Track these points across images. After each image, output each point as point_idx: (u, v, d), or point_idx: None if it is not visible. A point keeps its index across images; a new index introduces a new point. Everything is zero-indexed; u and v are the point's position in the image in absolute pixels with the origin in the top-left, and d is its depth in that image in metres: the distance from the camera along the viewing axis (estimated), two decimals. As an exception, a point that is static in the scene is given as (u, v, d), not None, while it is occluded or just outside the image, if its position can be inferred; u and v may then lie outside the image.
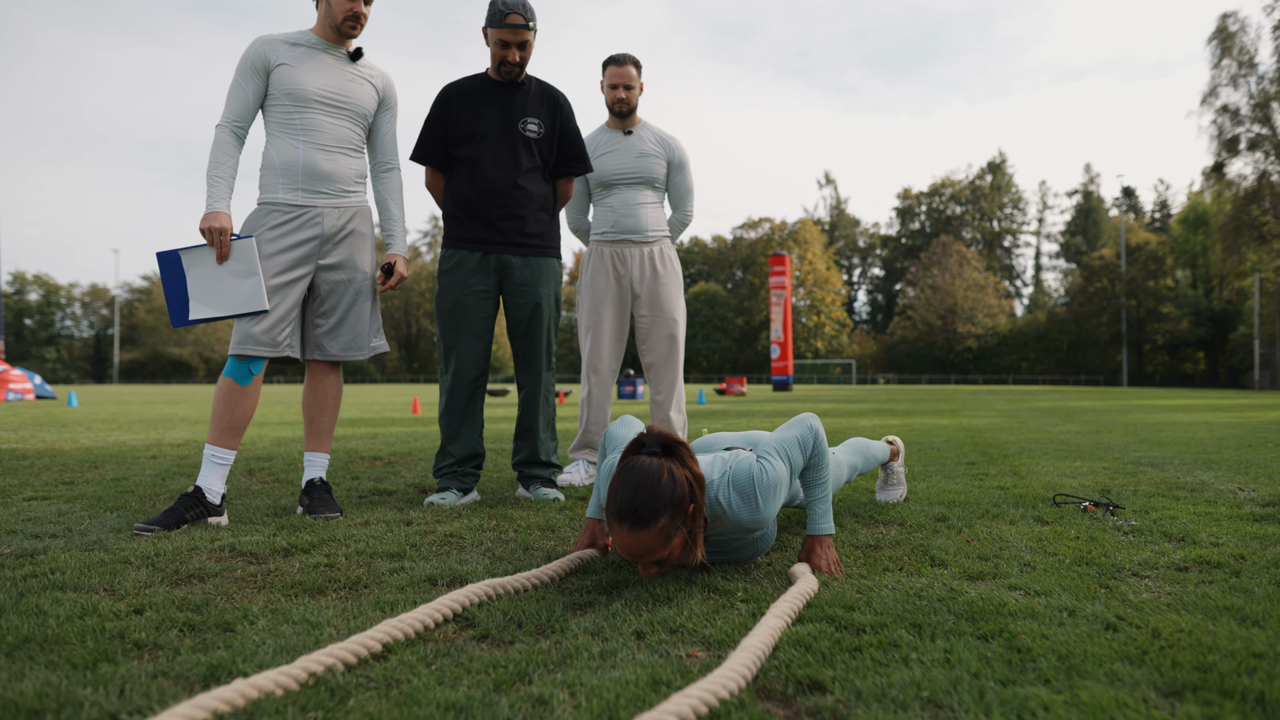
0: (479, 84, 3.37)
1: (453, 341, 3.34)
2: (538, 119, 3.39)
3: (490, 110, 3.33)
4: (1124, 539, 2.54)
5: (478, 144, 3.32)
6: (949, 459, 4.93)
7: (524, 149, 3.35)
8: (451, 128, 3.35)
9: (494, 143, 3.32)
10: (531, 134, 3.37)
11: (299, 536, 2.55)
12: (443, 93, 3.38)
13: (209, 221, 2.81)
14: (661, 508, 1.80)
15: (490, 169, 3.32)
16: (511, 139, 3.34)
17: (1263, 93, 42.07)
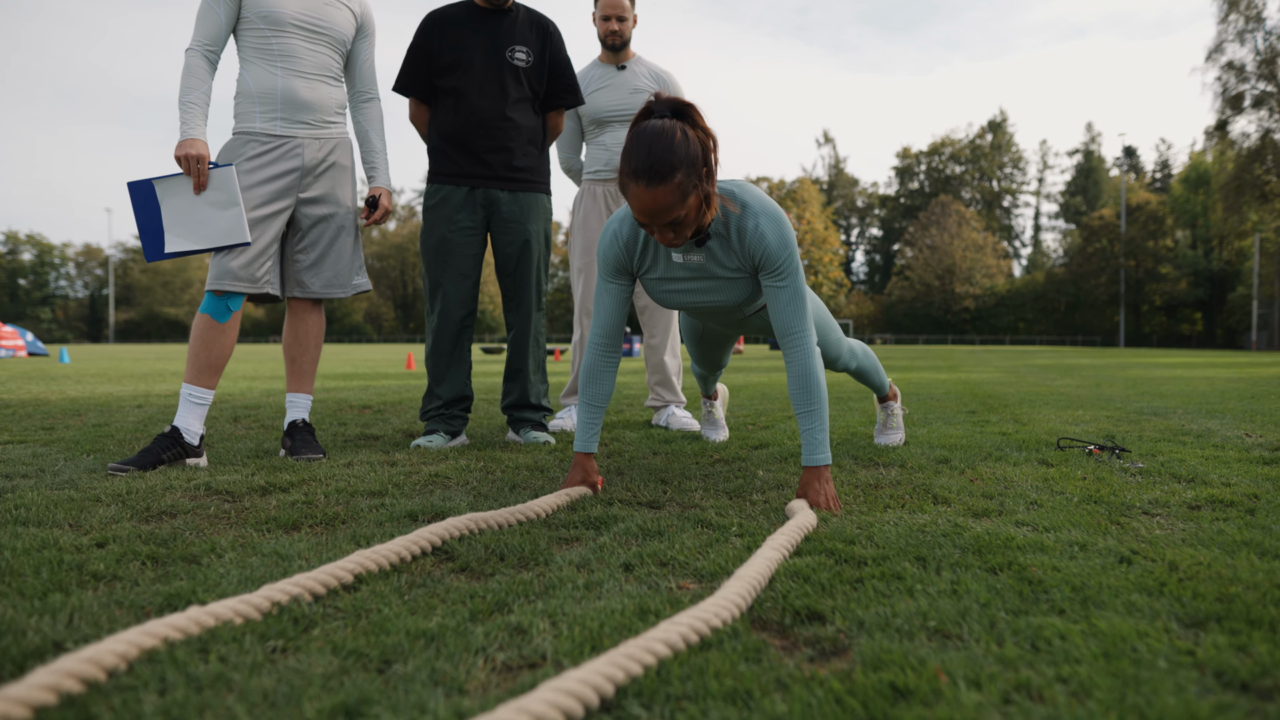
0: (464, 10, 3.21)
1: (438, 280, 3.22)
2: (526, 47, 3.23)
3: (476, 38, 3.18)
4: (1132, 480, 2.45)
5: (463, 73, 3.17)
6: (949, 408, 4.85)
7: (512, 78, 3.20)
8: (435, 56, 3.19)
9: (480, 72, 3.17)
10: (520, 62, 3.22)
11: (278, 476, 2.46)
12: (426, 19, 3.23)
13: (185, 149, 2.68)
14: (677, 162, 1.82)
15: (476, 99, 3.17)
16: (498, 68, 3.19)
17: (1269, 48, 41.48)
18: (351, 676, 1.01)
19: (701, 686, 0.99)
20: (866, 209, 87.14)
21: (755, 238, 2.05)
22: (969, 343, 66.26)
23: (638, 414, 4.52)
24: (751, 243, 2.06)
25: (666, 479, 2.45)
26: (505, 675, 1.04)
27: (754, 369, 11.77)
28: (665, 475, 2.51)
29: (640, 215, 1.88)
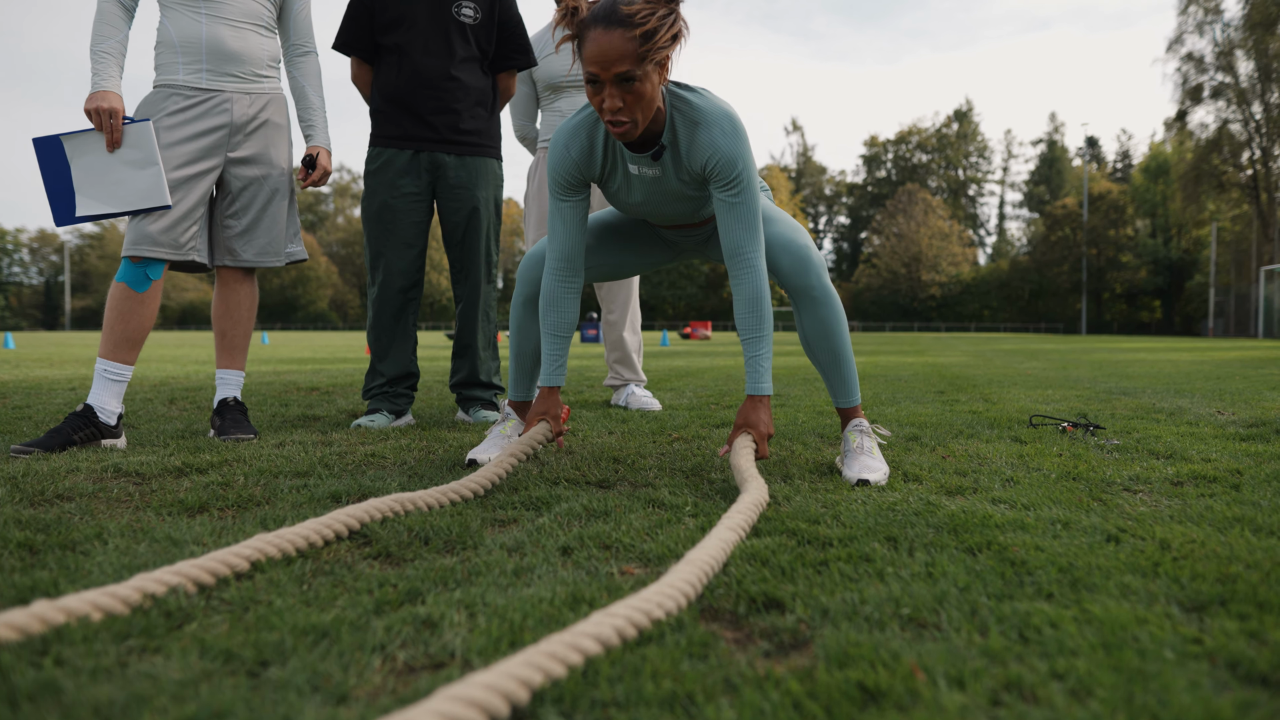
0: None
1: (380, 249, 3.02)
2: (474, 3, 3.03)
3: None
4: (1110, 456, 2.33)
5: (406, 29, 2.96)
6: (917, 388, 4.74)
7: (458, 36, 3.00)
8: (377, 12, 2.98)
9: (424, 29, 2.97)
10: (466, 19, 3.01)
11: (198, 457, 2.26)
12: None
13: (96, 101, 2.45)
14: (641, 18, 1.72)
15: (421, 58, 2.97)
16: (444, 24, 2.98)
17: (1228, 40, 42.08)
18: (214, 682, 0.84)
19: (635, 689, 0.83)
20: (834, 197, 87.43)
21: (707, 148, 1.90)
22: (935, 330, 66.86)
23: (596, 394, 4.35)
24: (703, 152, 1.91)
25: (620, 457, 2.29)
26: (402, 678, 0.87)
27: (721, 353, 11.64)
28: (619, 454, 2.35)
29: (592, 65, 1.75)
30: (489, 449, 2.20)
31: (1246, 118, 41.65)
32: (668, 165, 1.97)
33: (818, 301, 2.09)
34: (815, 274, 2.09)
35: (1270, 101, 40.64)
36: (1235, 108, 42.00)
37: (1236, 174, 42.57)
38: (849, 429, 2.11)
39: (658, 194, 2.03)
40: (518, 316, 2.29)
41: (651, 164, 1.97)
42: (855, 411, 2.16)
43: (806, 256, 2.09)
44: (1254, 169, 41.70)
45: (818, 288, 2.09)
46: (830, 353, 2.13)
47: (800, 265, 2.08)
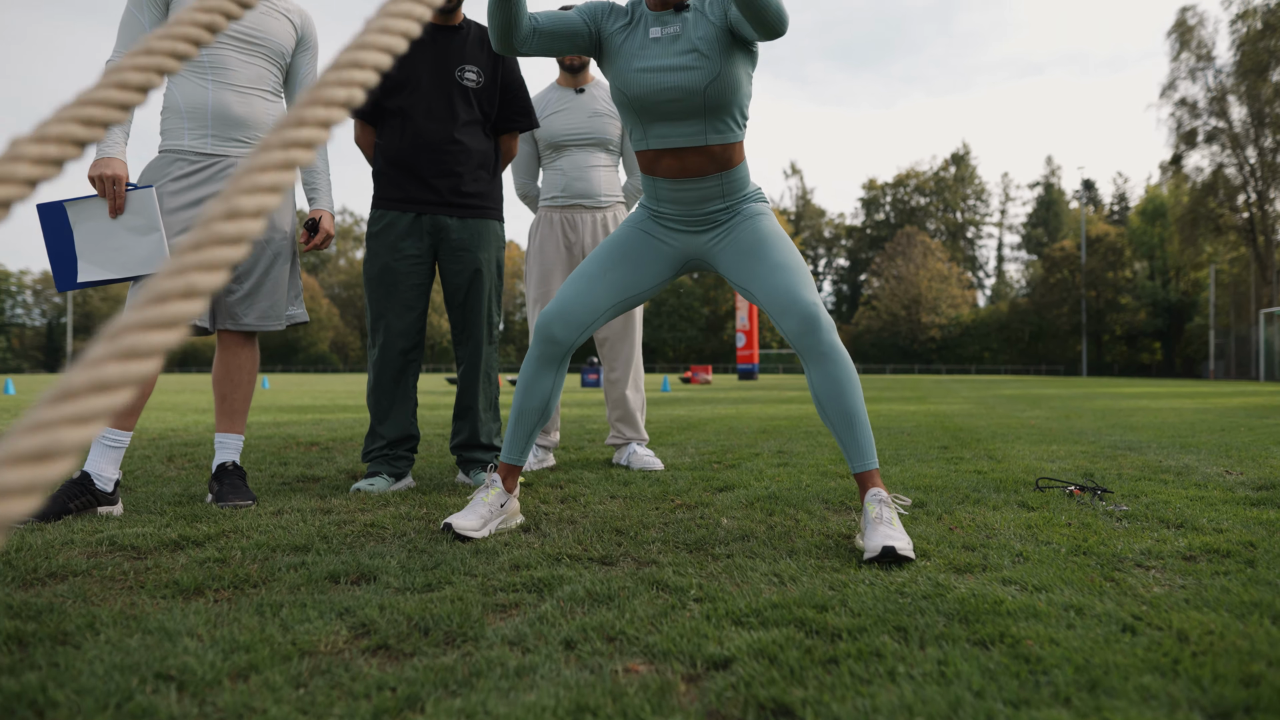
0: None
1: (381, 311, 3.02)
2: (477, 66, 3.06)
3: (424, 56, 3.00)
4: (1119, 525, 2.30)
5: (409, 93, 2.99)
6: (920, 443, 4.71)
7: (461, 99, 3.03)
8: (381, 75, 3.00)
9: (427, 92, 2.99)
10: (469, 83, 3.04)
11: (195, 528, 2.23)
12: None
13: (100, 168, 2.46)
14: None
15: (423, 121, 2.99)
16: (447, 88, 3.01)
17: (1220, 86, 42.71)
18: (204, 815, 0.81)
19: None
20: (834, 239, 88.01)
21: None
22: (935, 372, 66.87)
23: (598, 451, 4.32)
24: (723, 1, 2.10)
25: (622, 528, 2.26)
26: (400, 808, 0.83)
27: (722, 400, 11.62)
28: (622, 524, 2.32)
29: None
30: (469, 517, 2.17)
31: (1241, 162, 42.11)
32: (688, 23, 2.14)
33: (827, 358, 2.07)
34: (824, 332, 2.08)
35: (1264, 146, 41.12)
36: (1230, 152, 42.48)
37: (1233, 217, 42.91)
38: (868, 498, 2.04)
39: (670, 53, 2.14)
40: (528, 375, 2.28)
41: (673, 19, 2.15)
42: (873, 478, 2.09)
43: (815, 315, 2.08)
44: (1250, 212, 42.03)
45: (827, 345, 2.08)
46: (842, 412, 2.09)
47: (809, 325, 2.07)
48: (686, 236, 2.28)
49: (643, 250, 2.30)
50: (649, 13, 2.20)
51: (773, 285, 2.12)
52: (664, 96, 2.15)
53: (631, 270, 2.28)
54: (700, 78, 2.13)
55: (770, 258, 2.16)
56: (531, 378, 2.26)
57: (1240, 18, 40.73)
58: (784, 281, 2.11)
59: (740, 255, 2.20)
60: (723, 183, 2.21)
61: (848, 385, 2.08)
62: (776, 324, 2.13)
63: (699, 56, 2.12)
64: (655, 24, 2.17)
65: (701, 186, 2.21)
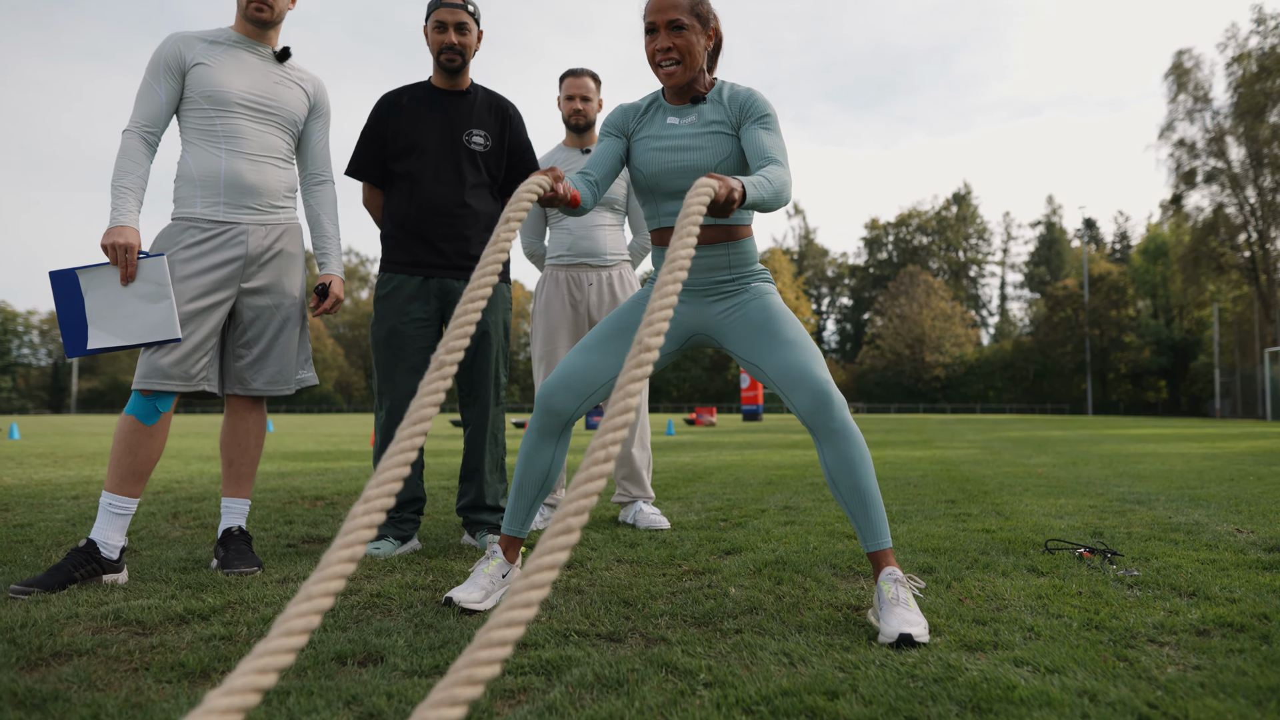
0: (420, 91, 3.10)
1: (389, 374, 3.03)
2: (484, 130, 3.11)
3: (432, 120, 3.05)
4: (1130, 594, 2.28)
5: (417, 157, 3.03)
6: (927, 497, 4.68)
7: (469, 163, 3.07)
8: (390, 139, 3.06)
9: (435, 156, 3.04)
10: (477, 147, 3.09)
11: (201, 599, 2.22)
12: (380, 101, 3.10)
13: (113, 237, 2.50)
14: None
15: (431, 185, 3.03)
16: (455, 152, 3.06)
17: (1217, 127, 43.11)
18: None
19: None
20: (837, 279, 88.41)
21: (744, 93, 2.25)
22: (940, 411, 66.69)
23: (603, 507, 4.31)
24: (740, 96, 2.24)
25: (630, 599, 2.24)
26: None
27: (727, 444, 11.58)
28: (629, 594, 2.30)
29: (651, 14, 2.17)
30: (471, 589, 2.15)
31: (1241, 201, 42.35)
32: (703, 113, 2.26)
33: (839, 435, 2.06)
34: (836, 410, 2.06)
35: (1263, 186, 41.37)
36: (1229, 192, 42.75)
37: (1235, 256, 43.06)
38: (883, 578, 2.00)
39: (685, 140, 2.24)
40: (528, 445, 2.27)
41: (689, 110, 2.27)
42: (887, 557, 2.06)
43: (826, 392, 2.07)
44: (1251, 251, 42.18)
45: (839, 422, 2.06)
46: (855, 490, 2.06)
47: (820, 402, 2.06)
48: (693, 306, 2.29)
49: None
50: (666, 104, 2.33)
51: (783, 361, 2.13)
52: (676, 174, 2.25)
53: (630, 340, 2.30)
54: (710, 157, 2.22)
55: (780, 334, 2.17)
56: (532, 448, 2.25)
57: (1236, 60, 41.26)
58: (795, 358, 2.11)
59: (749, 332, 2.21)
60: (729, 253, 2.25)
61: (860, 464, 2.06)
62: (787, 401, 2.13)
63: (711, 138, 2.23)
64: (673, 114, 2.31)
65: (709, 255, 2.25)
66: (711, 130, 2.23)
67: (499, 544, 2.28)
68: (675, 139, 2.26)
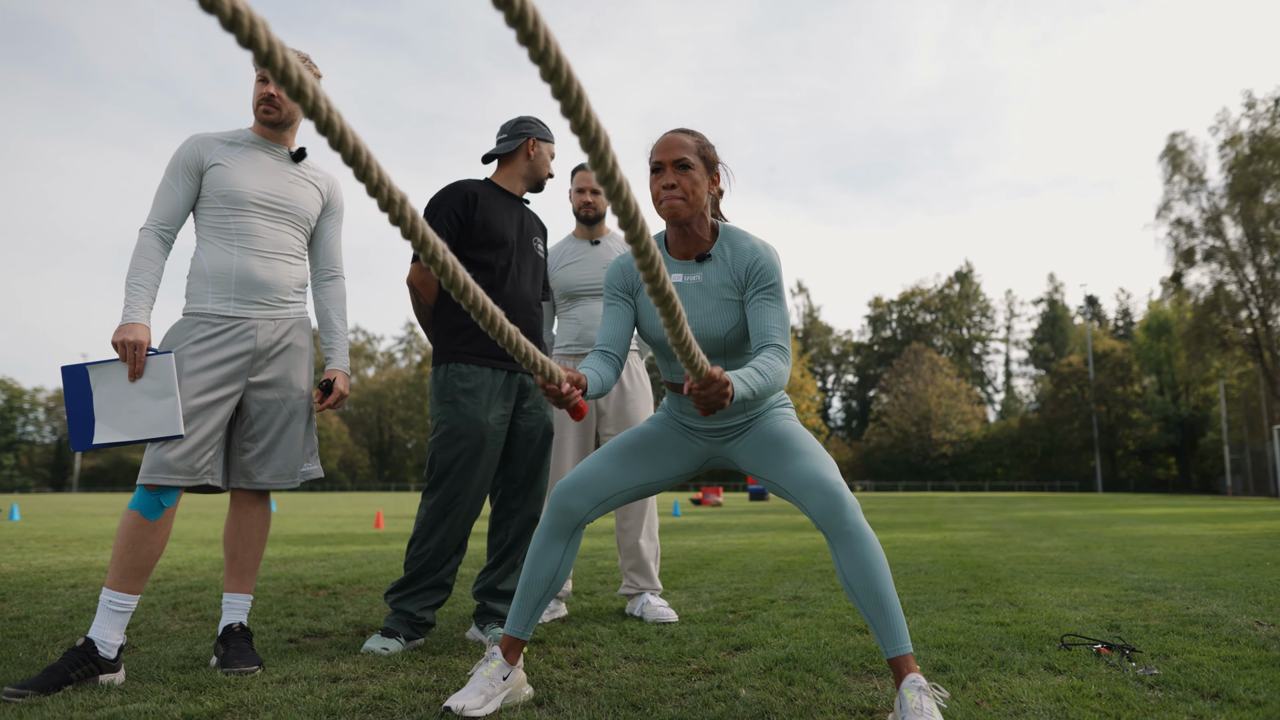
0: (491, 189, 3.13)
1: (468, 470, 2.96)
2: (541, 240, 3.26)
3: (510, 220, 3.12)
4: (1151, 696, 2.22)
5: (506, 251, 3.07)
6: (939, 585, 4.60)
7: (538, 267, 3.22)
8: (476, 228, 3.03)
9: (519, 255, 3.12)
10: (540, 252, 3.24)
11: (200, 702, 2.17)
12: (462, 187, 3.06)
13: (124, 334, 2.53)
14: (702, 138, 2.23)
15: (518, 281, 3.10)
16: (532, 254, 3.18)
17: (1213, 207, 43.76)
18: None
19: None
20: (841, 356, 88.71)
21: (750, 254, 2.19)
22: (949, 489, 66.02)
23: (610, 597, 4.24)
24: (745, 257, 2.19)
25: (639, 703, 2.19)
26: None
27: (734, 527, 11.45)
28: (638, 696, 2.25)
29: (658, 154, 2.17)
30: (471, 695, 2.10)
31: (1241, 279, 42.70)
32: (709, 273, 2.21)
33: (853, 538, 2.01)
34: (849, 512, 2.02)
35: (1262, 264, 41.76)
36: (1228, 270, 43.14)
37: (1237, 333, 43.21)
38: (905, 685, 1.93)
39: (693, 300, 2.21)
40: (538, 545, 2.24)
41: (695, 268, 2.22)
42: (908, 663, 1.98)
43: (839, 494, 2.03)
44: (1254, 328, 42.32)
45: (852, 524, 2.01)
46: (871, 593, 2.00)
47: (833, 505, 2.02)
48: (711, 444, 2.33)
49: (670, 445, 2.34)
50: (670, 257, 2.27)
51: (795, 469, 2.12)
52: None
53: (656, 460, 2.31)
54: (721, 325, 2.20)
55: (792, 446, 2.17)
56: (542, 548, 2.23)
57: (1229, 143, 42.14)
58: (807, 466, 2.10)
59: (763, 449, 2.22)
60: (745, 405, 2.25)
61: (875, 566, 2.00)
62: (800, 506, 2.10)
63: (720, 304, 2.20)
64: (678, 270, 2.25)
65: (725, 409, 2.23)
66: (720, 299, 2.20)
67: (499, 646, 2.23)
68: (683, 299, 2.21)
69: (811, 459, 2.12)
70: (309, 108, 0.87)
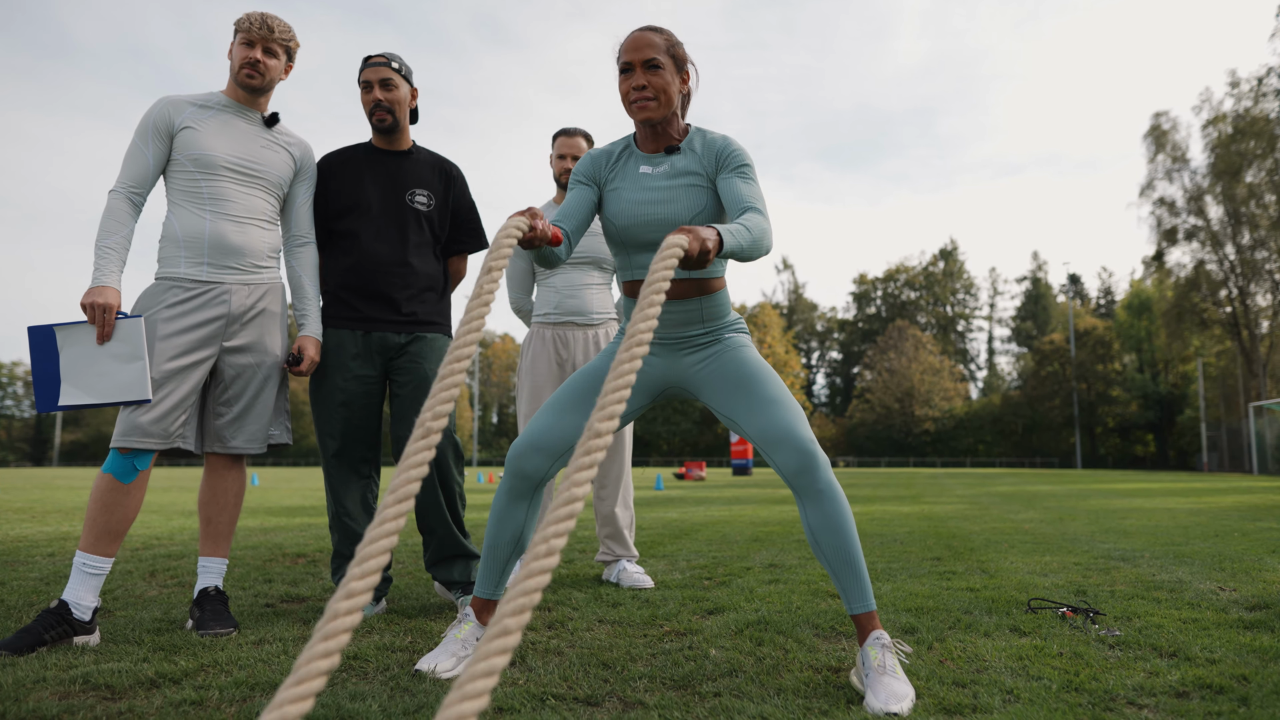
0: (361, 152, 3.11)
1: (332, 432, 2.98)
2: (428, 190, 3.12)
3: (374, 179, 3.06)
4: (1111, 655, 2.27)
5: (359, 215, 3.04)
6: (913, 554, 4.67)
7: (413, 222, 3.08)
8: (331, 199, 3.05)
9: (378, 215, 3.04)
10: (420, 206, 3.10)
11: (174, 662, 2.19)
12: (320, 162, 3.10)
13: (93, 296, 2.51)
14: (671, 35, 2.23)
15: (373, 243, 3.03)
16: (399, 211, 3.06)
17: (1196, 186, 44.00)
18: None
19: None
20: (826, 333, 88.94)
21: (720, 140, 2.23)
22: (930, 465, 66.60)
23: (587, 565, 4.27)
24: (716, 144, 2.22)
25: (610, 661, 2.22)
26: None
27: (715, 500, 11.53)
28: (609, 656, 2.28)
29: (627, 53, 2.17)
30: (443, 657, 2.12)
31: (1221, 258, 43.06)
32: (677, 162, 2.24)
33: (824, 496, 2.01)
34: (821, 470, 2.02)
35: (1242, 244, 42.11)
36: (1209, 249, 43.48)
37: (1217, 311, 43.63)
38: (869, 642, 1.97)
39: (658, 188, 2.22)
40: (499, 507, 2.22)
41: (662, 159, 2.25)
42: (873, 620, 2.02)
43: (811, 453, 2.03)
44: (1233, 307, 42.76)
45: (823, 483, 2.02)
46: (838, 550, 2.03)
47: (806, 463, 2.03)
48: (666, 359, 2.26)
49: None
50: (639, 152, 2.28)
51: (766, 420, 2.09)
52: (648, 227, 2.19)
53: None
54: (685, 210, 2.18)
55: (760, 392, 2.13)
56: (503, 510, 2.21)
57: (1212, 123, 42.31)
58: (778, 416, 2.08)
59: (728, 387, 2.18)
60: (702, 307, 2.21)
61: (843, 525, 2.02)
62: (769, 459, 2.09)
63: (685, 189, 2.18)
64: (646, 163, 2.26)
65: (681, 310, 2.20)
66: (686, 183, 2.19)
67: (472, 608, 2.25)
68: (648, 190, 2.21)
69: (781, 409, 2.09)
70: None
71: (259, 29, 2.73)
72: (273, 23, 2.75)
